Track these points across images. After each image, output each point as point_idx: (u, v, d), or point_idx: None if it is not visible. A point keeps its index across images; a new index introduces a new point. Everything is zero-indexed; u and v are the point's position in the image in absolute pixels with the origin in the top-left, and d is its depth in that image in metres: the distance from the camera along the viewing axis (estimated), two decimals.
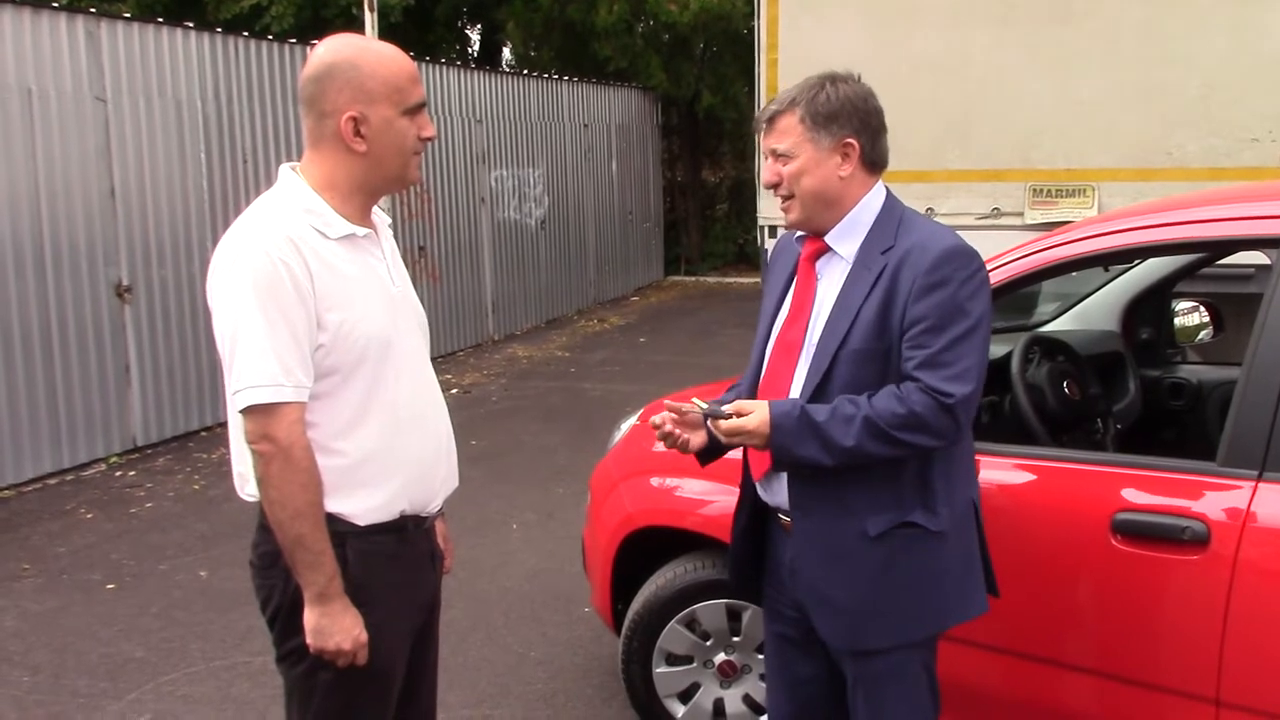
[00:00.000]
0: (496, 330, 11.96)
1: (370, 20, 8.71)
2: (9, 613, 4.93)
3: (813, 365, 2.33)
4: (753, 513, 2.55)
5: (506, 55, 18.82)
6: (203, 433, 8.07)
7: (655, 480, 3.47)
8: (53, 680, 4.28)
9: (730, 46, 15.94)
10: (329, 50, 2.15)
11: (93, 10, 7.71)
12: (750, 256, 16.56)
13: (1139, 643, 2.60)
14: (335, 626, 2.09)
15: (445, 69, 11.32)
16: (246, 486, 2.16)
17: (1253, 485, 2.45)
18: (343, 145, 2.13)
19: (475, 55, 18.40)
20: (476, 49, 18.79)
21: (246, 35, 8.89)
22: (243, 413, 2.04)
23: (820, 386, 2.29)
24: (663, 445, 2.49)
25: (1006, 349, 3.36)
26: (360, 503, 2.15)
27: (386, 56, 2.15)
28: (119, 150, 7.45)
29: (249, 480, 2.13)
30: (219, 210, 8.16)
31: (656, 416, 2.43)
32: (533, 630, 4.60)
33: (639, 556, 3.51)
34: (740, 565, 2.62)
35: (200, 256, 7.90)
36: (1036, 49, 7.08)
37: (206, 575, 5.31)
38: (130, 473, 7.13)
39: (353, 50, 2.14)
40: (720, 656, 3.41)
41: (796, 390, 2.34)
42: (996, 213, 7.20)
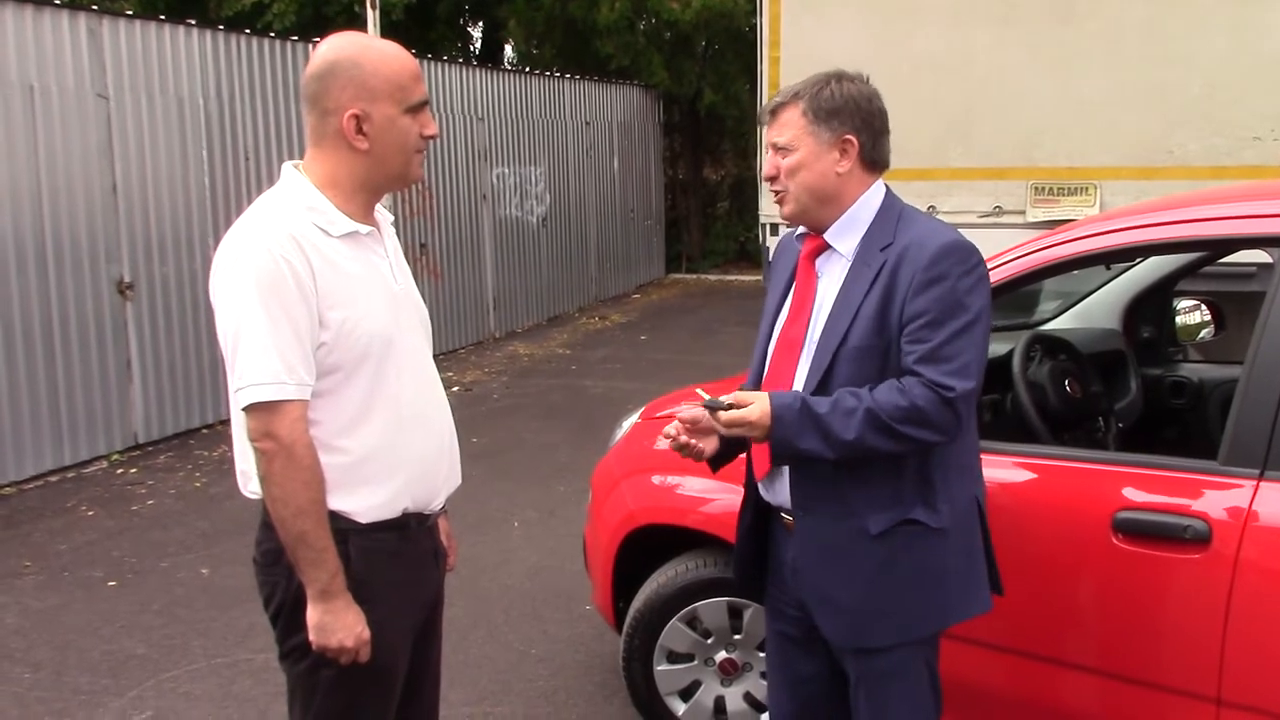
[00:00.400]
0: (498, 328, 11.96)
1: (372, 18, 8.70)
2: (10, 610, 4.94)
3: (814, 363, 2.33)
4: (756, 512, 2.56)
5: (508, 53, 18.81)
6: (204, 430, 8.07)
7: (656, 478, 3.47)
8: (54, 677, 4.28)
9: (732, 44, 15.96)
10: (332, 48, 2.15)
11: (95, 7, 7.72)
12: (751, 254, 16.55)
13: (1140, 642, 2.60)
14: (338, 624, 2.09)
15: (447, 67, 11.31)
16: (249, 484, 2.16)
17: (1254, 484, 2.45)
18: (345, 143, 2.13)
19: (477, 53, 18.40)
20: (478, 47, 18.79)
21: (248, 33, 8.89)
22: (245, 410, 2.05)
23: (821, 384, 2.29)
24: (675, 450, 2.48)
25: (1008, 347, 3.36)
26: (363, 500, 2.15)
27: (389, 54, 2.15)
28: (121, 147, 7.45)
29: (252, 478, 2.13)
30: (220, 207, 8.16)
31: (670, 427, 2.41)
32: (534, 628, 4.60)
33: (640, 554, 3.51)
34: (744, 564, 2.63)
35: (202, 253, 7.91)
36: (1038, 48, 7.09)
37: (208, 572, 5.32)
38: (132, 470, 7.13)
39: (355, 48, 2.14)
40: (721, 654, 3.41)
41: (798, 388, 2.34)
42: (998, 211, 7.22)
